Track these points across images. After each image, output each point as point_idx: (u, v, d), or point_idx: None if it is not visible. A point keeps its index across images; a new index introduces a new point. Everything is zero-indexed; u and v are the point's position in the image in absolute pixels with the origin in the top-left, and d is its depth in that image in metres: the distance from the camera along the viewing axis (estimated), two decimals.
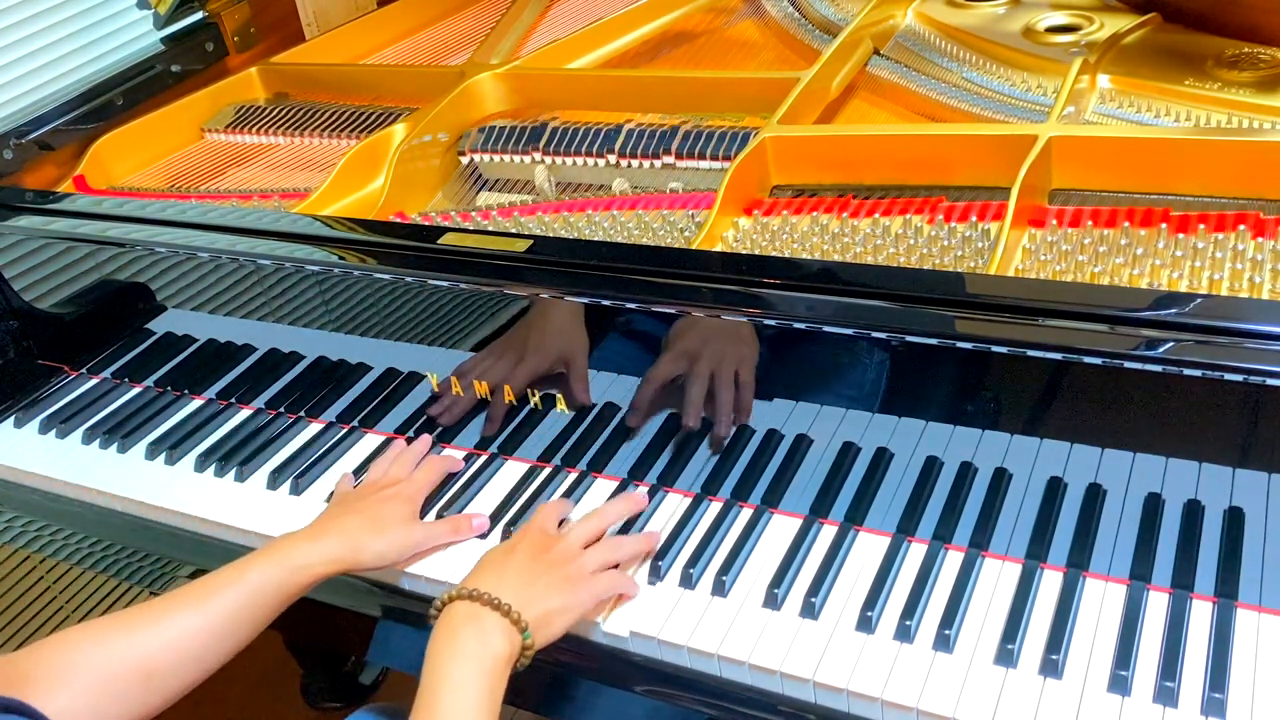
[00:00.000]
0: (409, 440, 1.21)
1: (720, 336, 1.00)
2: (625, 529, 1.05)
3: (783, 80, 1.29)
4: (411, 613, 1.07)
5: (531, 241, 1.08)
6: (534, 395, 1.13)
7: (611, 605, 0.98)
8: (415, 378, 1.20)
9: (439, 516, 1.11)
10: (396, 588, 1.08)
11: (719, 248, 1.12)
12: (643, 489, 1.09)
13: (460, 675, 0.85)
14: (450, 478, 1.16)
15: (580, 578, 0.96)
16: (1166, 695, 0.83)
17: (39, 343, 1.45)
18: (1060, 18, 1.36)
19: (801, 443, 1.02)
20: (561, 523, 1.05)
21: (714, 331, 1.00)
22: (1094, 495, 0.91)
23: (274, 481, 1.20)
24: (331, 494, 1.16)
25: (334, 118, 1.54)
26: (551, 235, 1.19)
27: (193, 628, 0.92)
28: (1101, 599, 0.91)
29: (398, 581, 1.07)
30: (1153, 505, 0.89)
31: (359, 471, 1.19)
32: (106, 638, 0.89)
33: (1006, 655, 0.87)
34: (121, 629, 0.91)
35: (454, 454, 1.19)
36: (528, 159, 1.36)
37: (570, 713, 1.03)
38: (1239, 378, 0.80)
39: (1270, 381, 0.79)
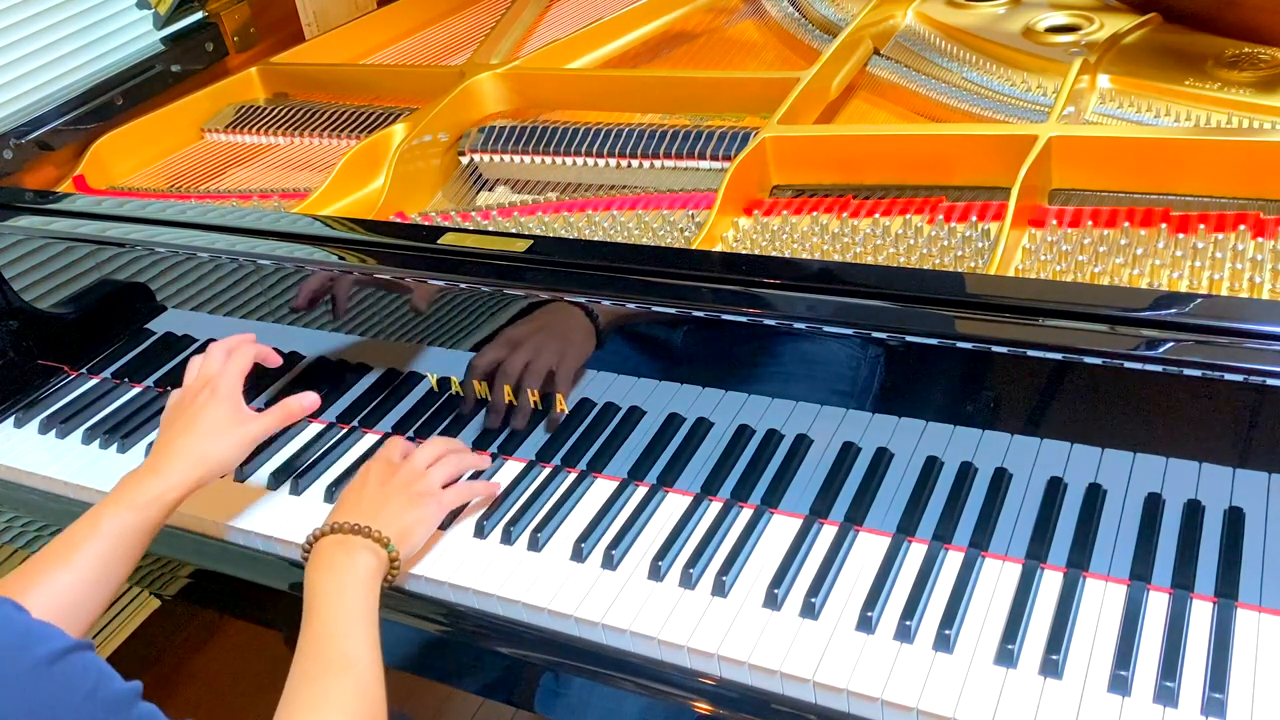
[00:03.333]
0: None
1: (551, 329, 1.07)
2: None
3: (783, 80, 1.29)
4: (412, 613, 1.07)
5: (531, 241, 1.08)
6: (534, 395, 1.13)
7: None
8: (415, 378, 1.20)
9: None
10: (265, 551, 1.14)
11: (719, 248, 1.12)
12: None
13: (338, 583, 0.95)
14: None
15: (429, 492, 1.06)
16: (1166, 695, 0.82)
17: (39, 343, 1.45)
18: (1060, 18, 1.36)
19: (801, 443, 1.02)
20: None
21: (548, 321, 1.07)
22: (1094, 495, 0.91)
23: (275, 482, 1.20)
24: (331, 489, 1.17)
25: (334, 118, 1.54)
26: (551, 235, 1.19)
27: (65, 584, 0.96)
28: (1101, 599, 0.91)
29: (225, 534, 1.14)
30: (1153, 505, 0.89)
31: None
32: None
33: (1007, 655, 0.87)
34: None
35: None
36: (528, 159, 1.36)
37: (565, 711, 1.03)
38: (1239, 378, 0.80)
39: (1270, 381, 0.79)
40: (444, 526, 1.09)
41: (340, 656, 0.89)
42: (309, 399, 1.13)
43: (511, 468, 1.16)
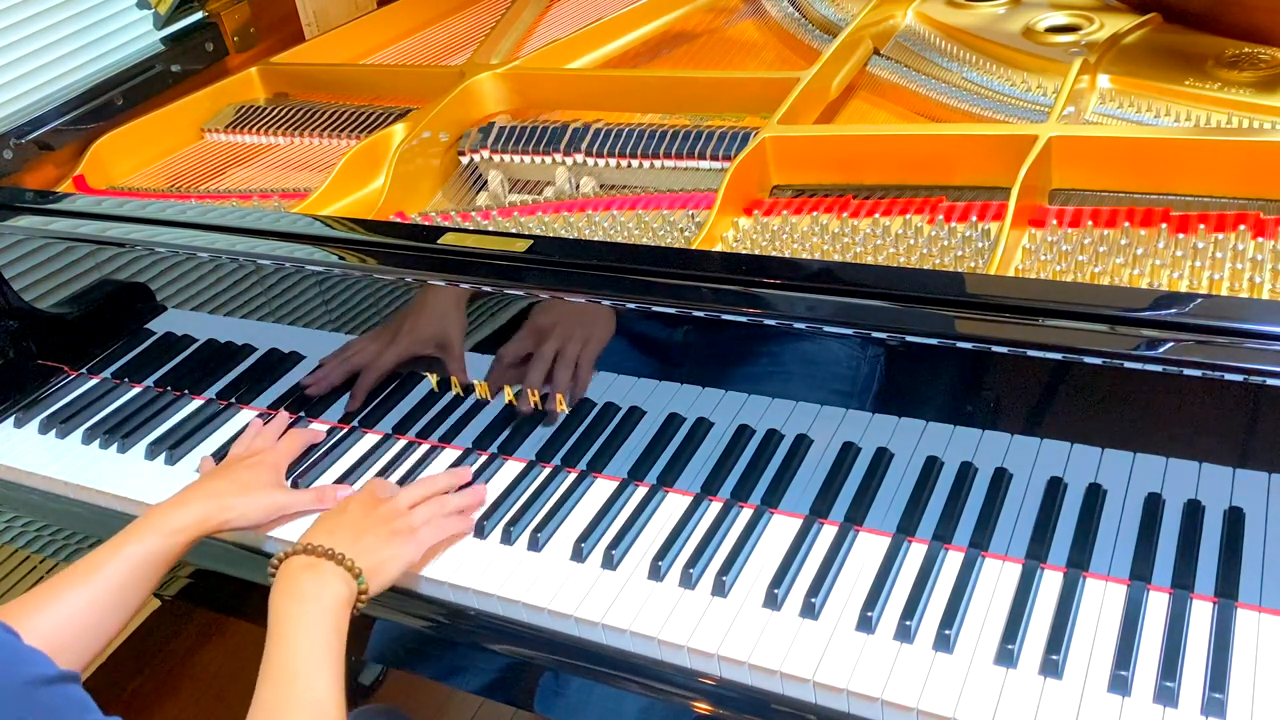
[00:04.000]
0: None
1: (573, 320, 1.06)
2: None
3: (783, 80, 1.29)
4: (413, 613, 1.07)
5: (531, 241, 1.08)
6: (533, 395, 1.13)
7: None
8: (415, 378, 1.20)
9: None
10: (260, 549, 1.14)
11: (719, 248, 1.12)
12: (467, 468, 1.15)
13: (305, 615, 0.92)
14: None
15: (407, 531, 1.04)
16: (1166, 695, 0.83)
17: (39, 343, 1.45)
18: (1060, 18, 1.36)
19: (801, 443, 1.02)
20: None
21: (568, 314, 1.06)
22: (1094, 495, 0.91)
23: None
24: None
25: (334, 118, 1.54)
26: (551, 235, 1.19)
27: (84, 603, 0.97)
28: (1102, 599, 0.91)
29: (262, 545, 1.14)
30: (1153, 505, 0.89)
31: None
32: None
33: (1007, 655, 0.87)
34: (20, 615, 0.94)
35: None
36: (528, 159, 1.36)
37: (565, 711, 1.03)
38: (1239, 378, 0.80)
39: (1270, 381, 0.79)
40: None
41: (304, 695, 0.87)
42: (344, 491, 1.15)
43: (511, 468, 1.16)
